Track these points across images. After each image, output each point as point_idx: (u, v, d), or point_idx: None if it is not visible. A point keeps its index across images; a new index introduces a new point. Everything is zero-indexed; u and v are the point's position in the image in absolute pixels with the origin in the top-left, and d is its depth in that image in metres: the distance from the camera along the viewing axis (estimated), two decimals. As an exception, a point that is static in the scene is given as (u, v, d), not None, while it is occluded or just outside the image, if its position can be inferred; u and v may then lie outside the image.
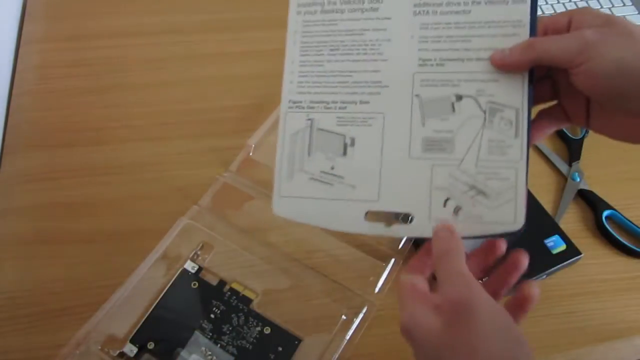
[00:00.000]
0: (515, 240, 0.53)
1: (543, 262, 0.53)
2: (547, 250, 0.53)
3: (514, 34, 0.35)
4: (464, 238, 0.34)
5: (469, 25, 0.36)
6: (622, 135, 0.37)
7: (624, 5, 0.80)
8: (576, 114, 0.38)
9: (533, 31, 0.35)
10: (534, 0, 0.36)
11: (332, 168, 0.38)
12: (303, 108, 0.39)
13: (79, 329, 0.47)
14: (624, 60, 0.32)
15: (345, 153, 0.37)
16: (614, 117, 0.36)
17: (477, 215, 0.35)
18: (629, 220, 0.57)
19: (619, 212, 0.58)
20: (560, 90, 0.38)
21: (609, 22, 0.33)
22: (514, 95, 0.35)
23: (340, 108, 0.38)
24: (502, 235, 0.35)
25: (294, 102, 0.39)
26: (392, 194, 0.36)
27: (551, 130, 0.40)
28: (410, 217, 0.35)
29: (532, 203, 0.57)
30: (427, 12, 0.37)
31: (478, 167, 0.35)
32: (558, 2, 0.79)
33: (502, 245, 0.35)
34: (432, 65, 0.37)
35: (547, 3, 0.78)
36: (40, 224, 0.54)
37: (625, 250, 0.56)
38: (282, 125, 0.39)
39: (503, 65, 0.35)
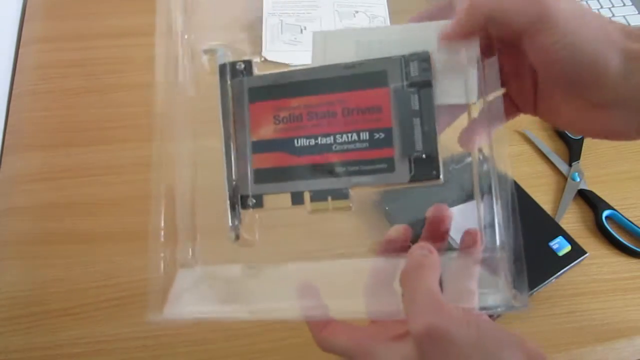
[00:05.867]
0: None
1: (551, 266, 0.52)
2: (553, 253, 0.53)
3: None
4: None
5: None
6: (572, 125, 0.32)
7: (624, 5, 0.79)
8: (524, 101, 0.33)
9: None
10: None
11: (295, 38, 0.72)
12: (277, 15, 0.75)
13: (80, 325, 0.47)
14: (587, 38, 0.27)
15: (302, 32, 0.73)
16: (564, 104, 0.31)
17: None
18: (629, 220, 0.57)
19: (619, 212, 0.58)
20: (506, 74, 0.33)
21: None
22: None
23: (297, 15, 0.75)
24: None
25: (270, 13, 0.75)
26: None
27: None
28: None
29: (532, 206, 0.57)
30: None
31: None
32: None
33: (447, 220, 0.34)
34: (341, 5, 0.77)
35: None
36: (40, 224, 0.54)
37: (625, 250, 0.56)
38: (265, 22, 0.73)
39: (454, 36, 0.30)
